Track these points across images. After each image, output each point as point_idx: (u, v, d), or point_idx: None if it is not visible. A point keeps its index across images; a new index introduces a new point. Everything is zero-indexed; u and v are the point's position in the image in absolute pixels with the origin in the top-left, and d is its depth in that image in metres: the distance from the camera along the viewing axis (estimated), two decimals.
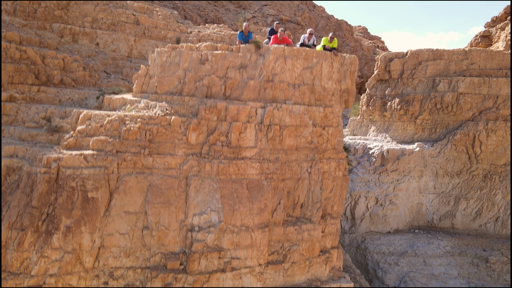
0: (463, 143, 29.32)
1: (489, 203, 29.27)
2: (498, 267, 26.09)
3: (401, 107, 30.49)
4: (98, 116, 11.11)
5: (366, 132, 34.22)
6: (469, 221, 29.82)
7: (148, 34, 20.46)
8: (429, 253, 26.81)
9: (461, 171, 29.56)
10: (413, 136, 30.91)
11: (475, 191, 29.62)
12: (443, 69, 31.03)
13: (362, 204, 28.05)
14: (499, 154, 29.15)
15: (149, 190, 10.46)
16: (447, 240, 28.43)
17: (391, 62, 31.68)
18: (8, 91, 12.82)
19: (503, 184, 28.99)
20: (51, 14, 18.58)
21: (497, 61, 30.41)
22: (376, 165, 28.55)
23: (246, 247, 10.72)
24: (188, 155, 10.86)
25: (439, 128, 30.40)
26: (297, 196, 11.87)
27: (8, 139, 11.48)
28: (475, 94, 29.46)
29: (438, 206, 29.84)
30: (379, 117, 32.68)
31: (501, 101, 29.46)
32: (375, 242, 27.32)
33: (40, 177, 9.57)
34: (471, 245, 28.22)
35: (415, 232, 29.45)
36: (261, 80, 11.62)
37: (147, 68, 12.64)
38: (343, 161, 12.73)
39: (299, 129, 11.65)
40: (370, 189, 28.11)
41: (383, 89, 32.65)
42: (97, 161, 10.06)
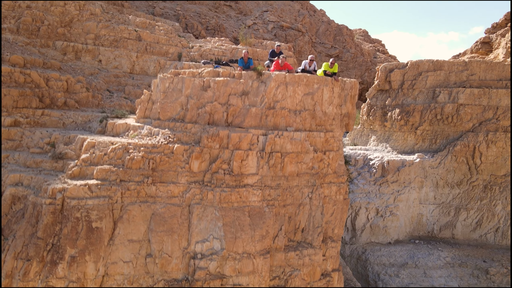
0: (463, 154, 29.45)
1: (489, 213, 29.41)
2: (498, 279, 26.21)
3: (402, 118, 30.66)
4: (102, 144, 11.27)
5: (366, 141, 34.38)
6: (469, 231, 29.96)
7: (150, 50, 20.61)
8: (429, 264, 26.94)
9: (461, 182, 29.70)
10: (414, 147, 31.05)
11: (475, 201, 29.76)
12: (443, 80, 31.19)
13: (363, 215, 28.19)
14: (499, 165, 29.30)
15: (152, 219, 10.62)
16: (448, 251, 28.55)
17: (392, 72, 31.84)
18: (13, 115, 12.98)
19: (503, 194, 29.12)
20: (54, 31, 18.75)
21: (497, 72, 30.57)
22: (376, 176, 28.69)
23: (248, 274, 10.88)
24: (190, 183, 11.02)
25: (439, 139, 30.55)
26: (298, 221, 12.03)
27: (14, 166, 11.64)
28: (475, 105, 29.62)
29: (438, 217, 29.98)
30: (379, 127, 32.82)
31: (501, 112, 29.59)
32: (376, 253, 27.45)
33: (46, 208, 9.74)
34: (471, 256, 28.34)
35: (416, 243, 29.57)
36: (263, 107, 11.77)
37: (150, 93, 12.79)
38: (343, 185, 12.88)
39: (300, 156, 11.81)
40: (371, 200, 28.25)
41: (383, 99, 32.80)
42: (101, 191, 10.22)
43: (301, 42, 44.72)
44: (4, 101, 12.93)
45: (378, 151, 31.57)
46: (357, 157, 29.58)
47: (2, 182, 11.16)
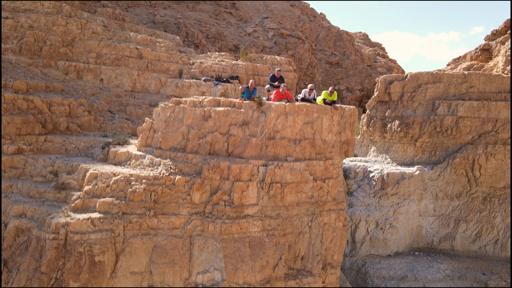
0: (463, 166, 29.60)
1: (488, 225, 29.54)
2: None
3: (401, 129, 30.79)
4: (104, 175, 11.43)
5: (366, 152, 34.52)
6: (468, 243, 30.09)
7: (151, 67, 20.77)
8: (429, 277, 27.06)
9: (461, 194, 29.82)
10: (413, 158, 31.19)
11: (475, 213, 29.89)
12: (442, 92, 31.34)
13: (363, 227, 28.33)
14: (498, 177, 29.43)
15: (154, 251, 10.79)
16: (447, 263, 28.68)
17: (391, 84, 31.98)
18: (16, 143, 13.15)
19: (502, 207, 29.26)
20: (56, 51, 18.92)
21: (496, 84, 30.72)
22: (376, 189, 28.83)
23: None
24: (192, 214, 11.18)
25: (438, 151, 30.68)
26: (298, 249, 12.19)
27: (17, 196, 11.81)
28: (474, 118, 29.75)
29: (438, 228, 30.11)
30: (379, 138, 32.96)
31: (500, 125, 29.74)
32: (376, 266, 27.58)
33: (49, 244, 9.91)
34: (470, 268, 28.46)
35: (415, 255, 29.68)
36: (263, 138, 11.93)
37: (151, 121, 12.95)
38: (343, 211, 13.04)
39: (300, 185, 11.96)
40: (371, 212, 28.39)
41: (383, 111, 32.94)
42: (104, 224, 10.39)
43: (301, 50, 44.87)
44: (8, 129, 13.10)
45: (378, 162, 31.73)
46: (357, 170, 29.71)
47: (6, 214, 11.33)
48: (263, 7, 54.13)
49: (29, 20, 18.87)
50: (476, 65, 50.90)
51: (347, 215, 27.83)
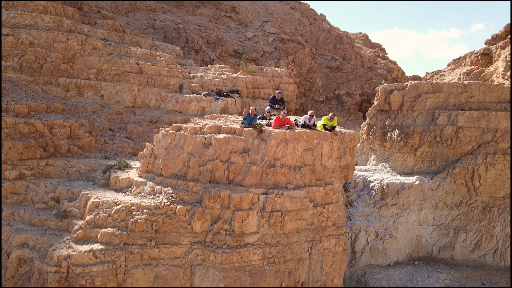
0: (462, 176, 29.68)
1: (488, 235, 29.68)
2: None
3: (401, 139, 30.86)
4: (106, 204, 11.52)
5: (366, 160, 34.60)
6: (468, 252, 30.23)
7: (152, 82, 20.82)
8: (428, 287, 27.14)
9: (460, 203, 29.92)
10: (413, 168, 31.27)
11: (474, 223, 30.02)
12: (442, 102, 31.38)
13: (362, 238, 28.46)
14: (498, 187, 29.51)
15: (156, 281, 10.90)
16: (447, 273, 28.78)
17: (391, 94, 32.02)
18: (17, 168, 13.23)
19: (501, 216, 29.36)
20: (57, 68, 18.96)
21: (496, 94, 30.77)
22: (376, 199, 28.93)
23: None
24: (193, 244, 11.28)
25: (438, 160, 30.75)
26: (298, 275, 12.29)
27: (19, 224, 11.90)
28: (474, 128, 29.81)
29: (437, 238, 30.25)
30: (379, 146, 33.03)
31: (500, 135, 29.81)
32: (375, 276, 27.72)
33: (51, 277, 10.01)
34: (470, 278, 28.58)
35: (415, 264, 29.83)
36: (263, 165, 12.00)
37: (152, 147, 13.02)
38: (342, 236, 13.13)
39: (300, 213, 12.05)
40: (370, 223, 28.50)
41: (383, 119, 33.00)
42: (105, 256, 10.49)
43: (301, 54, 44.85)
44: (9, 154, 13.17)
45: (377, 171, 31.80)
46: (357, 179, 29.80)
47: (8, 243, 11.42)
48: (263, 10, 54.01)
49: (30, 36, 18.90)
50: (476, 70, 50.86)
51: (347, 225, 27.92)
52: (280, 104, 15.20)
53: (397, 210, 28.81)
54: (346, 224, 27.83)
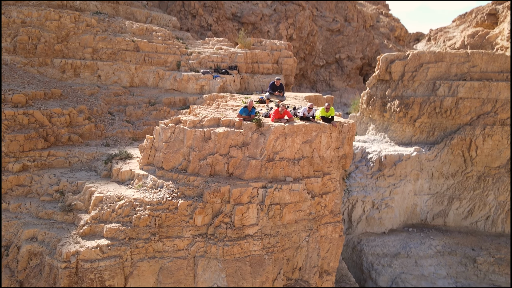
0: (460, 147, 30.01)
1: (481, 203, 30.53)
2: (485, 268, 27.80)
3: (401, 110, 30.85)
4: (109, 199, 11.86)
5: (365, 129, 34.79)
6: (460, 219, 31.23)
7: (149, 60, 20.45)
8: (420, 254, 28.43)
9: (456, 173, 30.48)
10: (411, 138, 31.53)
11: (469, 191, 30.78)
12: (444, 72, 31.01)
13: (359, 208, 29.30)
14: (494, 157, 29.95)
15: (160, 272, 11.48)
16: (439, 239, 29.92)
17: (392, 63, 31.57)
18: (20, 160, 13.43)
19: (495, 185, 30.05)
20: (51, 48, 18.57)
21: (499, 64, 30.36)
22: (373, 170, 29.44)
23: None
24: (195, 237, 11.75)
25: (437, 131, 30.94)
26: (296, 262, 12.92)
27: (27, 217, 12.31)
28: (475, 98, 29.70)
29: (432, 206, 31.12)
30: (378, 116, 33.09)
31: (499, 105, 29.77)
32: (370, 244, 28.90)
33: (62, 272, 10.56)
34: (461, 244, 29.78)
35: (409, 231, 30.91)
36: (262, 159, 12.20)
37: (152, 140, 13.14)
38: (339, 223, 13.62)
39: (298, 205, 12.42)
40: (367, 193, 29.20)
41: (383, 89, 32.75)
42: (112, 251, 10.98)
43: (302, 17, 43.44)
44: (11, 147, 13.31)
45: (376, 141, 32.09)
46: (355, 151, 30.14)
47: (17, 236, 11.89)
48: None
49: (21, 14, 18.34)
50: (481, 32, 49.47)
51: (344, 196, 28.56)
52: (280, 91, 15.12)
53: (394, 181, 29.40)
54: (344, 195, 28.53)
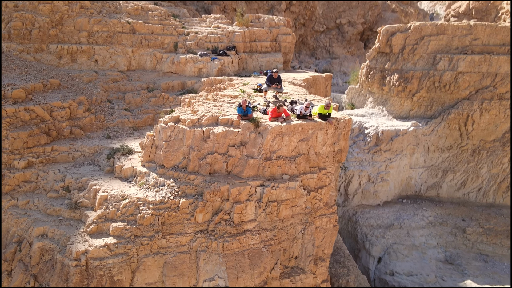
0: (457, 122, 30.37)
1: (474, 175, 31.37)
2: (473, 237, 29.14)
3: (400, 84, 30.84)
4: (114, 198, 12.41)
5: (364, 101, 34.89)
6: (453, 191, 32.26)
7: (146, 43, 20.18)
8: (413, 225, 29.63)
9: (452, 146, 31.06)
10: (409, 112, 31.79)
11: (463, 164, 31.51)
12: (445, 45, 30.64)
13: (355, 182, 30.15)
14: (490, 131, 30.42)
15: (165, 266, 12.27)
16: (431, 210, 31.03)
17: (393, 36, 31.14)
18: (25, 157, 13.82)
19: (489, 158, 30.74)
20: (46, 34, 18.31)
21: (501, 36, 29.98)
22: (370, 145, 29.94)
23: None
24: (196, 233, 12.42)
25: (435, 106, 31.11)
26: (292, 251, 13.72)
27: (36, 214, 12.92)
28: (474, 73, 29.63)
29: (426, 178, 31.99)
30: (377, 89, 33.08)
31: (499, 79, 29.76)
32: (365, 216, 30.00)
33: (73, 270, 11.32)
34: (452, 215, 30.93)
35: (403, 202, 31.98)
36: (260, 158, 12.60)
37: (152, 138, 13.45)
38: (333, 214, 14.28)
39: (294, 201, 12.99)
40: (364, 168, 29.90)
41: (383, 62, 32.49)
42: (119, 249, 11.68)
43: None
44: (15, 144, 13.65)
45: (374, 115, 32.32)
46: (353, 126, 30.48)
47: (29, 233, 12.57)
48: None
49: None
50: None
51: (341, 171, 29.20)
52: (277, 84, 15.18)
53: (390, 155, 29.97)
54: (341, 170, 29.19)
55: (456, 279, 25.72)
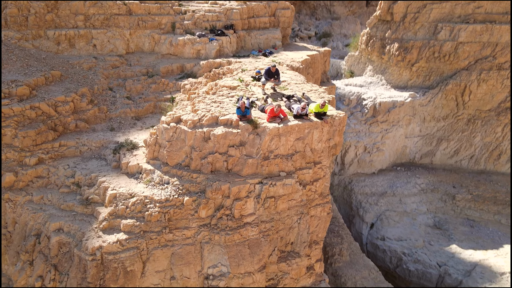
0: (454, 92, 30.75)
1: (467, 144, 32.33)
2: (462, 204, 30.69)
3: (399, 53, 30.80)
4: (122, 196, 13.34)
5: (363, 69, 34.89)
6: (446, 158, 33.41)
7: (143, 24, 20.00)
8: (405, 192, 31.08)
9: (447, 116, 31.72)
10: (407, 82, 32.01)
11: (457, 133, 32.37)
12: (447, 13, 30.20)
13: (352, 152, 31.11)
14: (486, 101, 30.93)
15: (172, 256, 13.49)
16: (424, 177, 32.33)
17: (395, 4, 30.59)
18: (35, 154, 14.54)
19: (483, 128, 31.55)
20: (43, 19, 18.19)
21: (505, 4, 29.58)
22: (367, 116, 30.52)
23: (250, 284, 14.33)
24: (200, 227, 13.50)
25: (433, 76, 31.26)
26: (288, 238, 14.91)
27: (51, 209, 13.91)
28: (475, 43, 29.53)
29: (421, 147, 32.95)
30: (377, 58, 33.01)
31: (499, 49, 29.75)
32: (360, 184, 31.34)
33: (90, 264, 12.53)
34: (443, 182, 32.28)
35: (397, 170, 33.20)
36: (259, 158, 13.34)
37: (155, 137, 14.07)
38: (328, 204, 15.29)
39: (291, 195, 13.93)
40: (360, 139, 30.72)
41: (383, 30, 32.10)
42: (130, 244, 12.81)
43: None
44: (25, 142, 14.31)
45: (373, 84, 32.52)
46: (351, 97, 30.81)
47: (46, 227, 13.65)
48: None
49: None
50: None
51: None
52: (275, 78, 15.48)
53: (387, 126, 30.65)
54: None
55: (442, 244, 27.52)
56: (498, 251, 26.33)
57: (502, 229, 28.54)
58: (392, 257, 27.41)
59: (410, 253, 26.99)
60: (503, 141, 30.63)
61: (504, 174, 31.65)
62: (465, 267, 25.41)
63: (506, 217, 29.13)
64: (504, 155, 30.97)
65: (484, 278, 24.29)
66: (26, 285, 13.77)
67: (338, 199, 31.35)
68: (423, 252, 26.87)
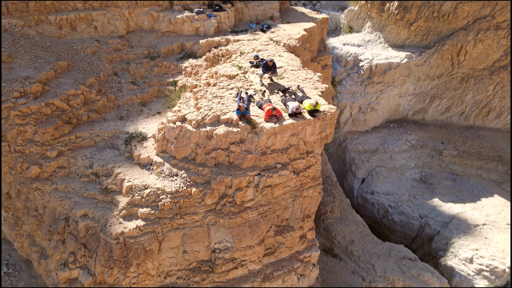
0: (450, 52, 31.32)
1: (459, 101, 33.70)
2: (448, 159, 32.87)
3: (399, 12, 30.76)
4: (137, 187, 15.19)
5: (362, 25, 34.84)
6: (438, 115, 34.97)
7: (141, 2, 20.09)
8: (396, 149, 33.08)
9: (442, 75, 32.62)
10: (405, 41, 32.32)
11: (450, 91, 33.56)
12: None
13: (347, 112, 32.51)
14: (481, 60, 31.67)
15: (184, 237, 15.75)
16: (415, 134, 34.15)
17: None
18: (54, 147, 16.06)
19: (476, 86, 32.66)
20: (43, 4, 18.43)
21: None
22: (363, 78, 31.37)
23: (250, 255, 16.83)
24: (206, 212, 15.55)
25: (431, 35, 31.52)
26: (284, 216, 17.08)
27: (75, 196, 15.84)
28: (475, 1, 29.34)
29: (414, 104, 34.30)
30: (376, 15, 32.88)
31: (499, 8, 29.77)
32: (354, 142, 33.20)
33: (115, 246, 14.80)
34: (433, 138, 34.15)
35: (390, 127, 34.90)
36: (257, 153, 14.93)
37: (163, 133, 15.48)
38: (319, 185, 17.19)
39: (286, 183, 15.76)
40: (355, 99, 31.90)
41: None
42: (147, 229, 14.96)
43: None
44: (45, 138, 15.74)
45: (371, 42, 32.79)
46: (348, 58, 31.34)
47: (73, 213, 15.70)
48: None
49: None
50: None
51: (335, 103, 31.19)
52: (272, 72, 16.35)
53: (382, 87, 31.63)
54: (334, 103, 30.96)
55: (426, 197, 30.12)
56: (475, 204, 28.96)
57: (483, 183, 30.96)
58: (379, 209, 30.17)
59: (395, 206, 29.69)
60: (493, 98, 31.75)
61: (491, 130, 33.29)
62: (444, 219, 28.21)
63: (488, 171, 31.36)
64: (493, 112, 32.32)
65: (459, 230, 27.21)
66: (60, 259, 16.23)
67: (332, 155, 33.34)
68: (408, 205, 29.54)
